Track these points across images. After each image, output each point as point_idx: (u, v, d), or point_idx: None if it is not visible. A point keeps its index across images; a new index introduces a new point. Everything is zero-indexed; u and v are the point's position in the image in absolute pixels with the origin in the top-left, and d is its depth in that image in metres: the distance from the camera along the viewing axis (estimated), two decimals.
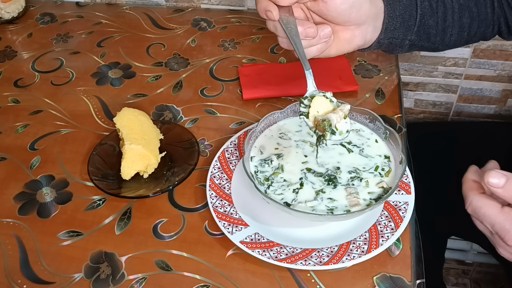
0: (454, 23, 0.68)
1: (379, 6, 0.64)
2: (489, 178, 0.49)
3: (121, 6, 1.12)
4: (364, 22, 0.62)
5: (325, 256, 0.57)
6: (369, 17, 0.63)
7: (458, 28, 0.69)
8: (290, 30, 0.58)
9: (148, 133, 0.71)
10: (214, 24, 1.03)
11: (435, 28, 0.67)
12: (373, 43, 0.66)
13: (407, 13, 0.65)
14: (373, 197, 0.60)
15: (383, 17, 0.64)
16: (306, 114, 0.59)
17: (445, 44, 0.70)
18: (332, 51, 0.64)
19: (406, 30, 0.66)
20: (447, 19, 0.67)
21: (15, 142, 0.78)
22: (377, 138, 0.67)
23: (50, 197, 0.69)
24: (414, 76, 1.15)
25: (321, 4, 0.59)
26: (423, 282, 0.57)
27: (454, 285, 1.36)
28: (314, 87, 0.60)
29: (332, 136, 0.57)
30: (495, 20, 0.70)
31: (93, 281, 0.58)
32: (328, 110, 0.59)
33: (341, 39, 0.63)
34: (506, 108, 1.17)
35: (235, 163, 0.69)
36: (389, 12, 0.64)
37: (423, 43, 0.69)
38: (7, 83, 0.91)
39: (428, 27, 0.67)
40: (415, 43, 0.68)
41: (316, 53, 0.62)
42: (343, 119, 0.58)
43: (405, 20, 0.65)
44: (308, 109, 0.59)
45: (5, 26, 1.07)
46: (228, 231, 0.60)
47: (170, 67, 0.92)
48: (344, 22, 0.61)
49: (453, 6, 0.67)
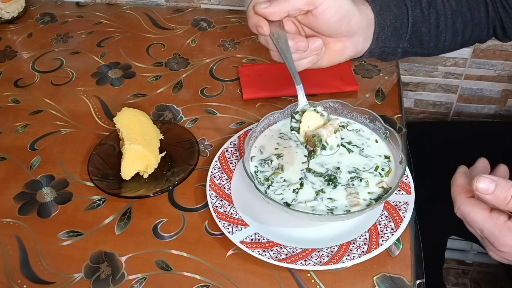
0: (447, 28, 0.68)
1: (370, 17, 0.64)
2: (478, 184, 0.47)
3: (121, 6, 1.12)
4: (354, 33, 0.63)
5: (325, 256, 0.57)
6: (359, 28, 0.63)
7: (452, 34, 0.68)
8: (281, 45, 0.59)
9: (148, 133, 0.71)
10: (214, 24, 1.03)
11: (428, 35, 0.67)
12: (365, 53, 0.67)
13: (398, 22, 0.65)
14: (373, 197, 0.60)
15: (374, 27, 0.64)
16: (297, 129, 0.60)
17: (439, 49, 0.70)
18: (324, 63, 0.65)
19: (398, 38, 0.66)
20: (440, 25, 0.67)
21: (15, 142, 0.78)
22: (377, 138, 0.67)
23: (50, 197, 0.69)
24: (414, 76, 1.15)
25: (311, 17, 0.59)
26: (423, 282, 0.57)
27: (454, 285, 1.36)
28: (305, 102, 0.61)
29: (322, 151, 0.58)
30: (489, 23, 0.70)
31: (93, 281, 0.58)
32: (319, 124, 0.59)
33: (333, 51, 0.64)
34: (506, 108, 1.17)
35: (235, 163, 0.69)
36: (379, 22, 0.64)
37: (416, 49, 0.69)
38: (7, 83, 0.91)
39: (421, 34, 0.67)
40: (408, 50, 0.68)
41: (307, 65, 0.62)
42: (333, 133, 0.58)
43: (396, 29, 0.65)
44: (299, 124, 0.59)
45: (5, 26, 1.07)
46: (228, 231, 0.60)
47: (170, 67, 0.92)
48: (335, 34, 0.62)
49: (445, 12, 0.67)
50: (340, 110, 0.69)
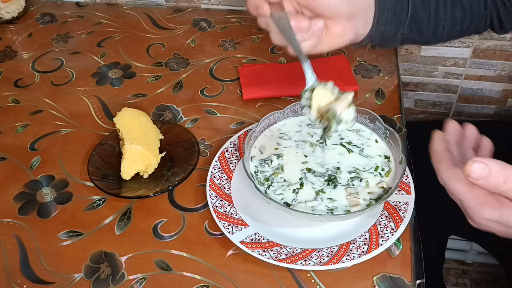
0: (447, 17, 0.68)
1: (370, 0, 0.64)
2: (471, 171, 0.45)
3: (121, 6, 1.12)
4: (355, 15, 0.62)
5: (325, 256, 0.57)
6: (360, 10, 0.62)
7: (450, 22, 0.68)
8: (283, 25, 0.58)
9: (148, 133, 0.71)
10: (214, 24, 1.03)
11: (427, 22, 0.67)
12: (365, 37, 0.66)
13: (399, 7, 0.65)
14: (373, 197, 0.60)
15: (374, 10, 0.64)
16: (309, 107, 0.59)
17: (437, 37, 0.70)
18: (324, 47, 0.64)
19: (398, 23, 0.66)
20: (439, 13, 0.67)
21: (15, 142, 0.78)
22: (377, 138, 0.67)
23: (50, 197, 0.69)
24: (414, 76, 1.15)
25: None
26: (423, 282, 0.57)
27: (454, 285, 1.36)
28: (314, 79, 0.59)
29: (338, 126, 0.57)
30: (487, 14, 0.70)
31: (93, 281, 0.58)
32: (331, 100, 0.58)
33: (333, 34, 0.63)
34: (506, 108, 1.17)
35: (235, 163, 0.69)
36: (380, 5, 0.64)
37: (415, 36, 0.69)
38: (7, 83, 0.91)
39: (420, 20, 0.67)
40: (407, 37, 0.68)
41: (309, 48, 0.61)
42: (347, 108, 0.57)
43: (396, 14, 0.65)
44: (310, 102, 0.58)
45: (5, 26, 1.07)
46: (228, 231, 0.60)
47: (170, 67, 0.92)
48: (335, 15, 0.61)
49: (445, 0, 0.67)
50: None
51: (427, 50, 1.09)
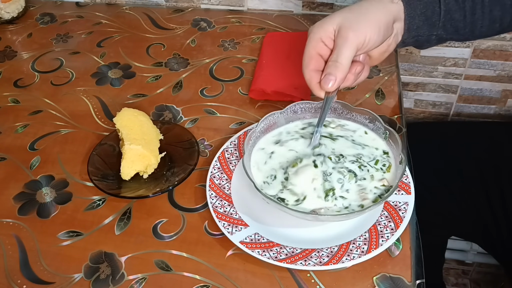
0: (484, 16, 0.66)
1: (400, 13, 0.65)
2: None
3: (121, 6, 1.12)
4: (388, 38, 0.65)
5: (325, 256, 0.57)
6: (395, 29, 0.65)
7: (489, 21, 0.67)
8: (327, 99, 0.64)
9: (148, 133, 0.71)
10: (214, 24, 1.03)
11: (463, 22, 0.66)
12: (399, 43, 0.67)
13: (429, 11, 0.65)
14: (378, 193, 0.59)
15: (403, 18, 0.65)
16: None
17: (475, 35, 0.69)
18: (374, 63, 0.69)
19: (431, 26, 0.66)
20: (476, 13, 0.66)
21: (15, 142, 0.78)
22: (376, 138, 0.67)
23: (50, 197, 0.69)
24: (414, 76, 1.15)
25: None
26: (423, 282, 0.57)
27: (454, 285, 1.36)
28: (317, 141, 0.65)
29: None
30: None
31: (93, 281, 0.58)
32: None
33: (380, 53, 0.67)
34: (506, 108, 1.17)
35: (235, 163, 0.69)
36: (409, 12, 0.64)
37: (451, 36, 0.68)
38: (7, 83, 0.91)
39: (455, 21, 0.66)
40: (443, 37, 0.68)
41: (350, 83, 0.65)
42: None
43: (428, 18, 0.65)
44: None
45: (5, 26, 1.07)
46: (228, 231, 0.60)
47: (170, 67, 0.92)
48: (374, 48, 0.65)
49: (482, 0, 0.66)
50: (340, 110, 0.69)
51: (427, 50, 1.09)
